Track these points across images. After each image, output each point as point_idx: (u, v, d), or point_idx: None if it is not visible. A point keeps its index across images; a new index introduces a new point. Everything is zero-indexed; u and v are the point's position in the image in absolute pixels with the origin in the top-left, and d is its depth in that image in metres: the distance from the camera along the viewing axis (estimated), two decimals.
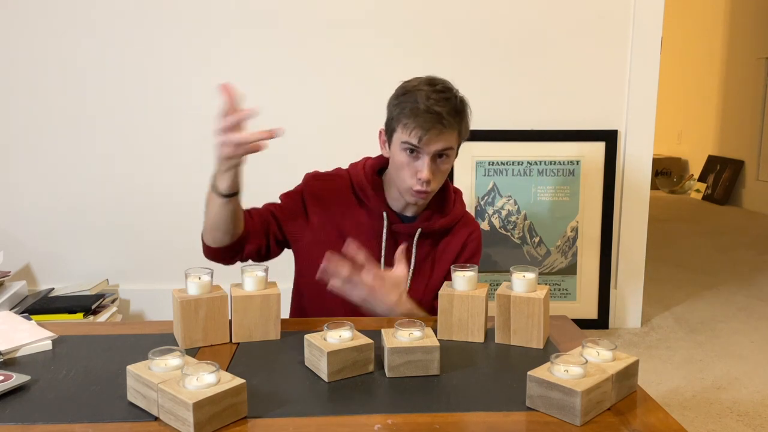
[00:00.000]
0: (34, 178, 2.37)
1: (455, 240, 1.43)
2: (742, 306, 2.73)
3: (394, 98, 1.34)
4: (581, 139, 2.36)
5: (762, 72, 4.93)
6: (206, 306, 1.03)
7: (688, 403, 1.86)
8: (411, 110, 1.27)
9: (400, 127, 1.30)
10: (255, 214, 1.38)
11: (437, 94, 1.28)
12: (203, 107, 2.35)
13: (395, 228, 1.39)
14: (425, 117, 1.26)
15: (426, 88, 1.29)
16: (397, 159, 1.32)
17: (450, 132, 1.29)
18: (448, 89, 1.31)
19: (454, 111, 1.28)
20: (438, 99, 1.27)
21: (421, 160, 1.29)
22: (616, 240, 2.41)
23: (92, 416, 0.81)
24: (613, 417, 0.81)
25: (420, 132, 1.26)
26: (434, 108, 1.26)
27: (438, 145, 1.28)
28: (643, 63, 2.33)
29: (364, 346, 0.93)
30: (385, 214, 1.38)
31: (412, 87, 1.31)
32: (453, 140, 1.31)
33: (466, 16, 2.31)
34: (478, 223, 1.50)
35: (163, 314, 2.37)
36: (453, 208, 1.43)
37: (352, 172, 1.42)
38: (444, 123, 1.26)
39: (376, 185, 1.40)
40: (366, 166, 1.42)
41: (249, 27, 2.30)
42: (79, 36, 2.30)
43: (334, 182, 1.42)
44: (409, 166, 1.30)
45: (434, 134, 1.26)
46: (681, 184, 5.88)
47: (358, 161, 1.45)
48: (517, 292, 1.04)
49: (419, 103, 1.27)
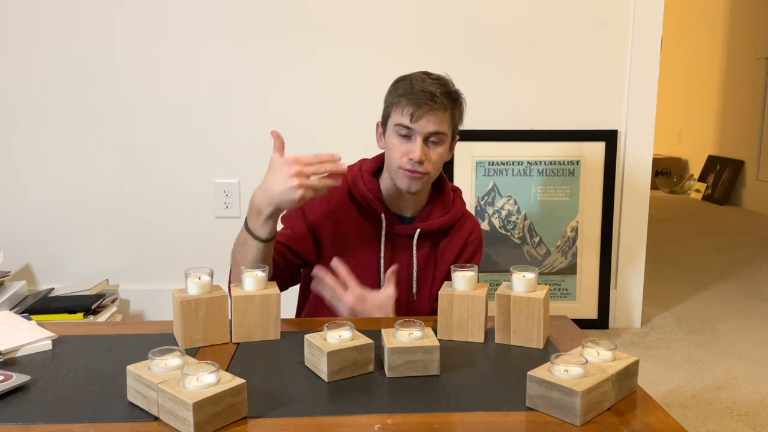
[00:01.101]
0: (34, 178, 2.37)
1: (455, 240, 1.42)
2: (742, 306, 2.73)
3: (390, 87, 1.37)
4: (581, 139, 2.36)
5: (762, 72, 4.93)
6: (206, 306, 1.03)
7: (688, 403, 1.86)
8: (404, 90, 1.30)
9: (393, 110, 1.32)
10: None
11: (432, 79, 1.31)
12: (203, 108, 2.35)
13: (394, 229, 1.39)
14: (418, 95, 1.28)
15: (421, 74, 1.33)
16: (390, 142, 1.33)
17: (442, 112, 1.30)
18: (442, 78, 1.34)
19: (447, 93, 1.31)
20: (432, 82, 1.30)
21: (413, 141, 1.30)
22: (616, 240, 2.41)
23: (92, 416, 0.81)
24: (613, 417, 0.81)
25: (411, 109, 1.28)
26: (428, 87, 1.28)
27: (429, 126, 1.29)
28: (643, 63, 2.33)
29: (364, 346, 0.93)
30: (383, 216, 1.38)
31: (407, 75, 1.34)
32: (445, 122, 1.31)
33: (467, 16, 2.31)
34: (479, 222, 1.49)
35: (163, 314, 2.37)
36: (452, 207, 1.42)
37: (348, 176, 1.41)
38: (436, 101, 1.28)
39: (372, 187, 1.39)
40: (362, 168, 1.42)
41: (248, 28, 2.30)
42: (79, 37, 2.30)
43: (333, 188, 1.40)
44: (401, 147, 1.31)
45: (426, 110, 1.28)
46: (681, 184, 5.88)
47: (354, 164, 1.44)
48: (517, 292, 1.04)
49: (414, 84, 1.30)
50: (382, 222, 1.38)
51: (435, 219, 1.40)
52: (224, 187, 2.38)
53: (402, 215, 1.41)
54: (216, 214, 2.40)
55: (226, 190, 2.38)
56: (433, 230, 1.40)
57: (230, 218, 2.40)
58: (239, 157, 2.37)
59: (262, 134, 2.36)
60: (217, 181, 2.38)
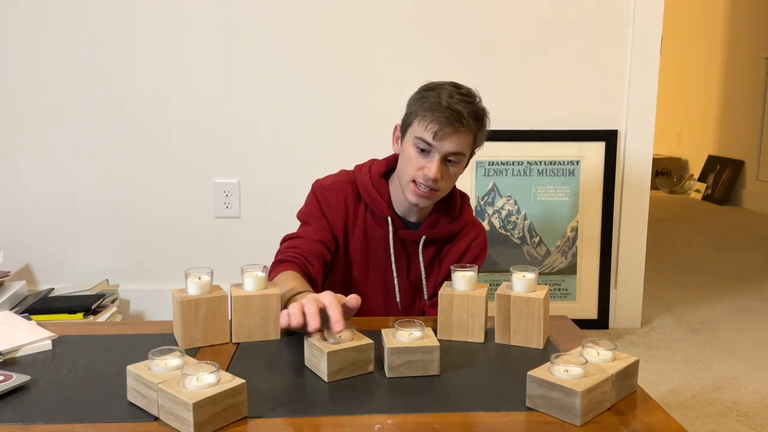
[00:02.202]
0: (34, 178, 2.37)
1: (459, 245, 1.41)
2: (742, 306, 2.73)
3: (416, 94, 1.32)
4: (581, 139, 2.36)
5: (762, 72, 4.93)
6: (206, 306, 1.03)
7: (688, 403, 1.86)
8: (431, 104, 1.25)
9: (416, 121, 1.27)
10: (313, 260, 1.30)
11: (461, 95, 1.26)
12: (204, 108, 2.35)
13: (400, 234, 1.38)
14: (445, 112, 1.23)
15: (450, 88, 1.27)
16: (406, 152, 1.30)
17: (466, 134, 1.26)
18: (472, 94, 1.29)
19: (474, 114, 1.27)
20: (461, 99, 1.25)
21: (431, 157, 1.27)
22: (616, 240, 2.41)
23: (92, 416, 0.81)
24: (613, 417, 0.81)
25: (436, 127, 1.24)
26: (455, 106, 1.24)
27: (451, 146, 1.26)
28: (643, 63, 2.33)
29: (364, 346, 0.93)
30: (390, 219, 1.36)
31: (435, 85, 1.29)
32: (467, 145, 1.28)
33: (466, 15, 2.31)
34: (484, 228, 1.47)
35: (163, 314, 2.37)
36: (460, 215, 1.40)
37: (357, 176, 1.40)
38: (462, 122, 1.24)
39: (381, 189, 1.37)
40: (372, 169, 1.39)
41: (248, 28, 2.30)
42: (80, 37, 2.30)
43: (343, 189, 1.39)
44: (417, 160, 1.28)
45: (449, 132, 1.24)
46: (681, 184, 5.88)
47: (364, 164, 1.43)
48: (517, 292, 1.04)
49: (441, 99, 1.25)
50: (389, 225, 1.37)
51: (441, 227, 1.38)
52: (224, 187, 2.38)
53: (408, 219, 1.40)
54: (216, 214, 2.40)
55: (226, 190, 2.38)
56: (438, 237, 1.39)
57: (230, 218, 2.40)
58: (239, 157, 2.37)
59: (262, 134, 2.37)
60: (217, 181, 2.38)
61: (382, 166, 1.40)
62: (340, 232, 1.37)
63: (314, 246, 1.32)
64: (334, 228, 1.37)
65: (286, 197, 2.36)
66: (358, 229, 1.38)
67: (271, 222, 2.38)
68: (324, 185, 1.40)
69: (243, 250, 2.39)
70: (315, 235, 1.34)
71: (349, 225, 1.38)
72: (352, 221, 1.38)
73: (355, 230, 1.38)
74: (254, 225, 2.40)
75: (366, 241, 1.38)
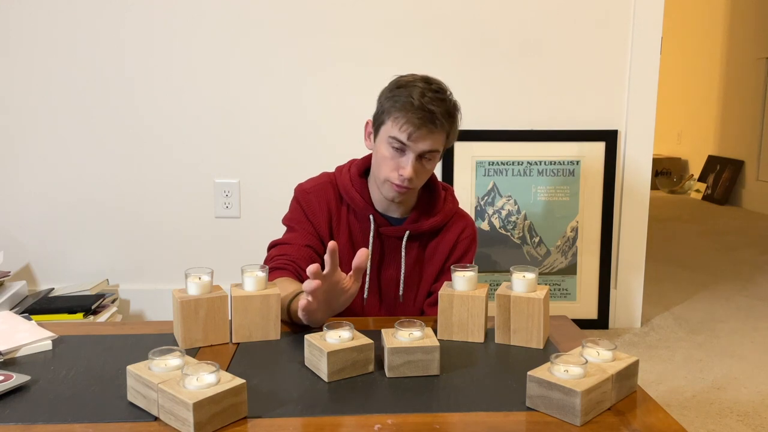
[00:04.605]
0: (34, 178, 2.37)
1: (446, 238, 1.40)
2: (742, 306, 2.73)
3: (387, 91, 1.31)
4: (581, 139, 2.36)
5: (762, 72, 4.93)
6: (206, 306, 1.03)
7: (688, 403, 1.86)
8: (404, 104, 1.25)
9: (390, 120, 1.27)
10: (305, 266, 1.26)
11: (433, 93, 1.26)
12: (204, 108, 2.35)
13: (383, 231, 1.38)
14: (418, 113, 1.24)
15: (422, 85, 1.27)
16: (380, 151, 1.30)
17: (439, 133, 1.27)
18: (443, 90, 1.29)
19: (447, 113, 1.27)
20: (433, 98, 1.25)
21: (405, 157, 1.27)
22: (616, 240, 2.41)
23: (92, 416, 0.81)
24: (613, 417, 0.81)
25: (410, 128, 1.24)
26: (428, 106, 1.24)
27: (425, 145, 1.26)
28: (643, 63, 2.33)
29: (364, 346, 0.93)
30: (372, 217, 1.37)
31: (407, 82, 1.29)
32: (440, 142, 1.29)
33: (466, 15, 2.31)
34: (471, 219, 1.47)
35: (163, 314, 2.37)
36: (443, 207, 1.40)
37: (338, 177, 1.40)
38: (436, 123, 1.25)
39: (361, 188, 1.38)
40: (351, 169, 1.40)
41: (248, 29, 2.30)
42: (80, 37, 2.30)
43: (324, 191, 1.39)
44: (393, 159, 1.28)
45: (424, 133, 1.25)
46: (681, 184, 5.88)
47: (344, 164, 1.43)
48: (517, 292, 1.04)
49: (414, 98, 1.25)
50: (371, 223, 1.37)
51: (425, 221, 1.38)
52: (224, 187, 2.38)
53: (391, 216, 1.40)
54: (216, 214, 2.40)
55: (226, 190, 2.38)
56: (422, 232, 1.39)
57: (230, 218, 2.40)
58: (239, 157, 2.37)
59: (262, 134, 2.37)
60: (217, 181, 2.38)
61: (361, 166, 1.41)
62: (325, 234, 1.38)
63: (303, 252, 1.34)
64: (319, 231, 1.38)
65: (286, 197, 2.33)
66: (343, 230, 1.38)
67: (271, 222, 2.36)
68: (305, 189, 1.41)
69: (243, 250, 2.39)
70: (302, 241, 1.35)
71: (334, 226, 1.39)
72: (336, 222, 1.39)
73: (339, 231, 1.38)
74: (254, 225, 2.40)
75: (351, 241, 1.38)
